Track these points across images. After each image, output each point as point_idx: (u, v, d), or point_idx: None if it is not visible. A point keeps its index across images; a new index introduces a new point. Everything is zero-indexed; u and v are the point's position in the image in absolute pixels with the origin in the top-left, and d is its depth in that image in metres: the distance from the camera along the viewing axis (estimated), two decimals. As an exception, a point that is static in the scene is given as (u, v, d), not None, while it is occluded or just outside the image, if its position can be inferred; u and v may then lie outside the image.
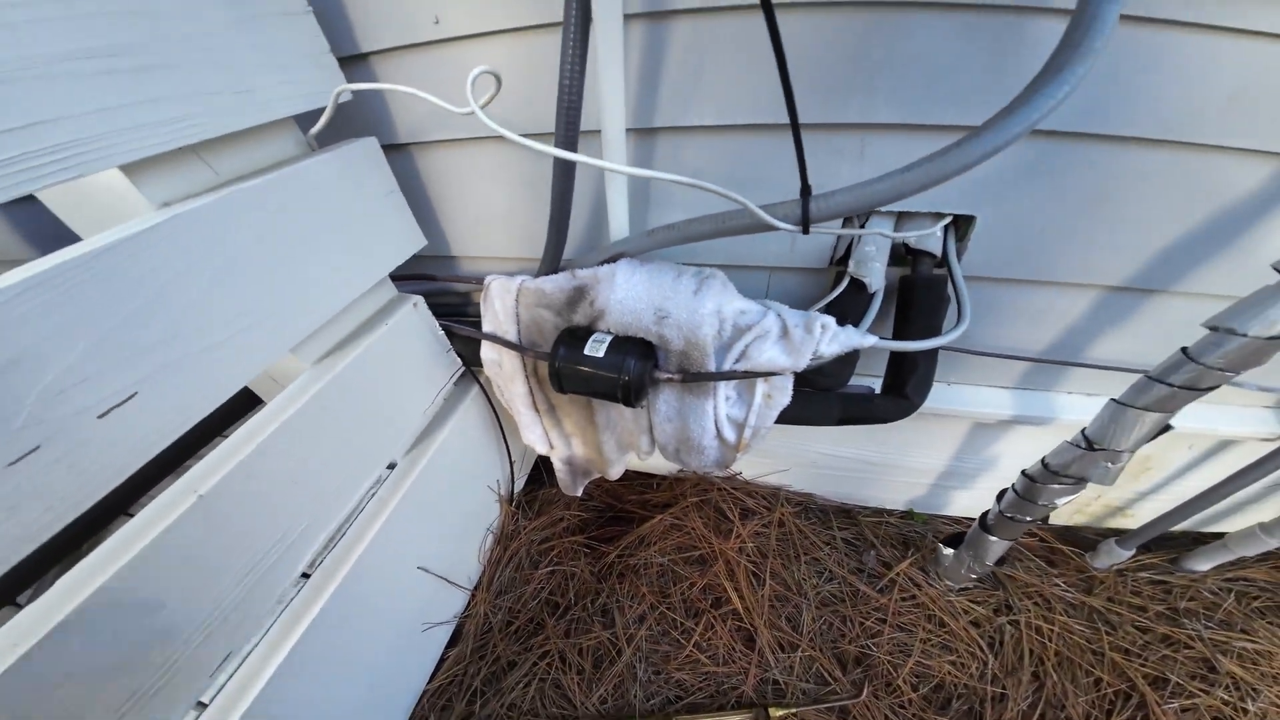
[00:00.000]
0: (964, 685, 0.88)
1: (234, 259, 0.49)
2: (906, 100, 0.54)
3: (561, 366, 0.66)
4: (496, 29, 0.58)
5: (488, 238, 0.80)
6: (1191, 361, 0.54)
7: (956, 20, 0.49)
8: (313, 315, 0.58)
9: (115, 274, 0.41)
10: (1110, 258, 0.63)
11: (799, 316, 0.61)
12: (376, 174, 0.64)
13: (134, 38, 0.41)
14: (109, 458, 0.42)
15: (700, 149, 0.65)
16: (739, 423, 0.71)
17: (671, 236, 0.59)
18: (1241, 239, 0.59)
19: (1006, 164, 0.58)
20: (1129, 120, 0.52)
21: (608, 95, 0.53)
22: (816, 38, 0.53)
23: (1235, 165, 0.54)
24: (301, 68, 0.54)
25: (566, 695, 0.88)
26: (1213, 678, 0.88)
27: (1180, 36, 0.48)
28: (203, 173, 0.49)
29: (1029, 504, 0.72)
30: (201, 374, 0.47)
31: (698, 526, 1.03)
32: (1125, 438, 0.60)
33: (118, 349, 0.41)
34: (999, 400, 0.80)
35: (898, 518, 1.10)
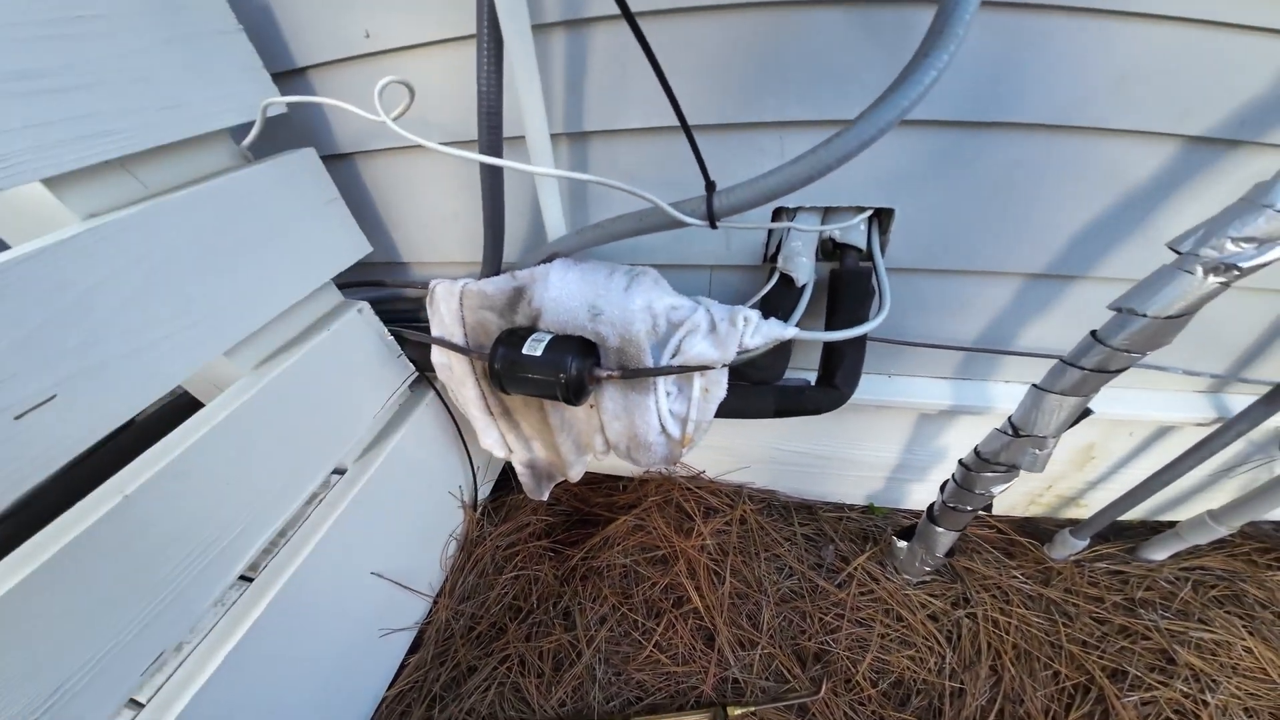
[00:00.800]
0: (923, 680, 0.88)
1: (162, 265, 0.50)
2: (817, 97, 0.57)
3: (501, 367, 0.67)
4: (425, 41, 0.60)
5: (435, 243, 0.82)
6: (1100, 344, 0.55)
7: (853, 16, 0.51)
8: (247, 321, 0.59)
9: (31, 282, 0.42)
10: (1026, 245, 0.65)
11: (725, 311, 0.62)
12: (315, 183, 0.66)
13: (56, 60, 0.43)
14: (27, 456, 0.43)
15: (632, 151, 0.67)
16: (681, 417, 0.72)
17: (599, 235, 0.61)
18: (1146, 221, 0.61)
19: (919, 156, 0.60)
20: (1026, 107, 0.55)
21: (526, 100, 0.55)
22: (728, 41, 0.55)
23: (1131, 147, 0.56)
24: (234, 82, 0.56)
25: (525, 698, 0.87)
26: (1171, 669, 0.88)
27: (1067, 21, 0.50)
28: (130, 185, 0.50)
29: (968, 493, 0.73)
30: (126, 377, 0.49)
31: (660, 526, 1.04)
32: (1047, 423, 0.62)
33: (35, 353, 0.43)
34: (938, 391, 0.82)
35: (859, 513, 1.11)
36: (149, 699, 0.56)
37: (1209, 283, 0.48)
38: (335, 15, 0.60)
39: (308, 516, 0.72)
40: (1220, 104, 0.54)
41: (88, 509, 0.48)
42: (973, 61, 0.53)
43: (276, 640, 0.65)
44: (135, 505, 0.49)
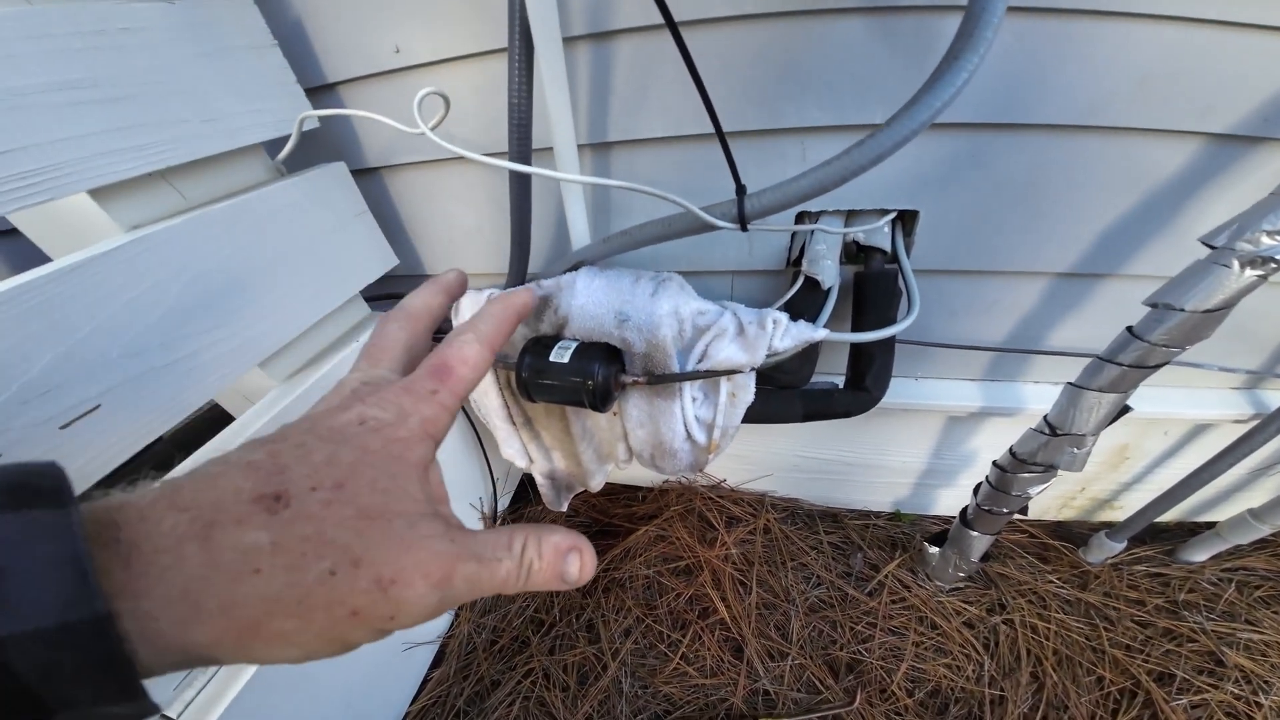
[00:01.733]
0: (961, 689, 0.86)
1: (201, 278, 0.51)
2: (838, 102, 0.57)
3: (528, 375, 0.67)
4: (455, 55, 0.62)
5: (459, 255, 0.83)
6: (1137, 339, 0.55)
7: (872, 23, 0.52)
8: (281, 333, 0.60)
9: (80, 292, 0.43)
10: (1054, 245, 0.65)
11: (753, 314, 0.62)
12: (345, 196, 0.67)
13: (102, 71, 0.45)
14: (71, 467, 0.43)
15: (654, 160, 0.67)
16: (707, 423, 0.72)
17: (625, 242, 0.62)
18: (1172, 218, 0.60)
19: (942, 158, 0.60)
20: (1049, 108, 0.55)
21: (555, 112, 0.56)
22: (751, 49, 0.56)
23: (1155, 146, 0.56)
24: (268, 97, 0.57)
25: (551, 712, 0.86)
26: (1220, 671, 0.85)
27: (1089, 23, 0.50)
28: (171, 197, 0.52)
29: (1003, 495, 0.72)
30: (166, 388, 0.49)
31: (683, 536, 1.03)
32: (1085, 421, 0.61)
33: (82, 363, 0.43)
34: (967, 393, 0.81)
35: (885, 519, 1.09)
36: (179, 714, 0.55)
37: (1246, 276, 0.47)
38: (366, 31, 0.61)
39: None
40: (1242, 102, 0.54)
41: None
42: (995, 64, 0.53)
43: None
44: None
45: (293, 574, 0.18)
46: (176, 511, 0.18)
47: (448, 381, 0.26)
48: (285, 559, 0.18)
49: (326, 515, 0.19)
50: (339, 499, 0.20)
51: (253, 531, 0.18)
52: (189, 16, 0.51)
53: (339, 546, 0.19)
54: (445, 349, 0.28)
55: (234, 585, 0.17)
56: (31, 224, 0.57)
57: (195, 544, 0.17)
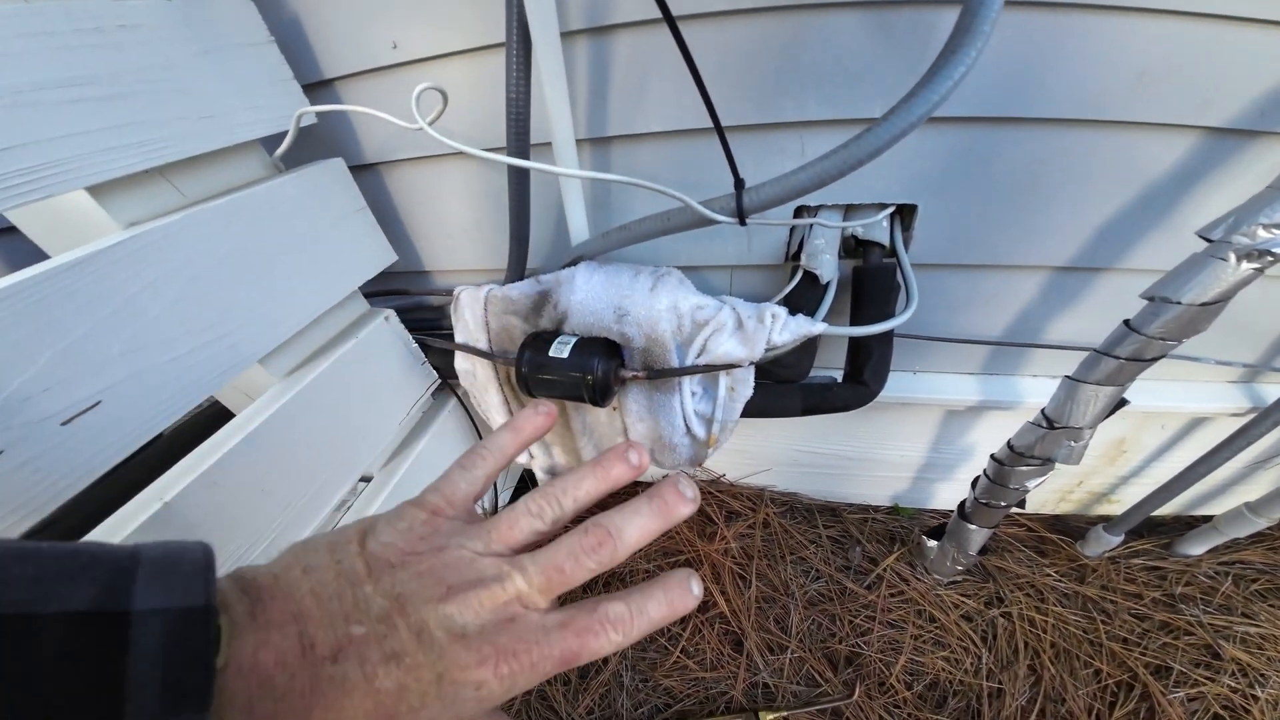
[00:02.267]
0: (959, 681, 0.86)
1: (199, 274, 0.51)
2: (836, 97, 0.57)
3: (528, 370, 0.68)
4: (452, 50, 0.61)
5: (458, 251, 0.83)
6: (1134, 333, 0.55)
7: (870, 17, 0.52)
8: (280, 329, 0.60)
9: (79, 289, 0.43)
10: (1052, 239, 0.65)
11: (752, 308, 0.62)
12: (343, 193, 0.67)
13: (100, 68, 0.44)
14: (73, 463, 0.43)
15: (653, 154, 0.67)
16: (707, 417, 0.72)
17: (624, 237, 0.62)
18: (1170, 212, 0.61)
19: (940, 153, 0.60)
20: (1047, 102, 0.55)
21: (553, 107, 0.56)
22: (748, 44, 0.56)
23: (1153, 140, 0.56)
24: (266, 93, 0.57)
25: (552, 706, 0.86)
26: (1217, 664, 0.86)
27: (1087, 18, 0.50)
28: (169, 193, 0.52)
29: (1001, 488, 0.72)
30: (167, 384, 0.49)
31: (682, 531, 1.03)
32: (1082, 414, 0.61)
33: (82, 359, 0.43)
34: (965, 386, 0.81)
35: (884, 513, 1.09)
36: None
37: (1243, 269, 0.48)
38: (364, 26, 0.61)
39: (336, 523, 0.72)
40: (1240, 96, 0.54)
41: (129, 515, 0.48)
42: (993, 59, 0.53)
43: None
44: (174, 512, 0.50)
45: None
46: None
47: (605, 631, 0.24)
48: None
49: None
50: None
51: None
52: (186, 13, 0.51)
53: None
54: (629, 599, 0.24)
55: None
56: (29, 221, 0.57)
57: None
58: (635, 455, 0.29)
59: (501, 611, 0.23)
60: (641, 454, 0.29)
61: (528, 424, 0.32)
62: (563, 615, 0.23)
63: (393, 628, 0.21)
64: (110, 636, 0.16)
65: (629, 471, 0.28)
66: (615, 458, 0.29)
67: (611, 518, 0.25)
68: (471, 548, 0.25)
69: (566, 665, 0.23)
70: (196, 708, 0.17)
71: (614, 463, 0.28)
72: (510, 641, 0.22)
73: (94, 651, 0.16)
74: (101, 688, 0.15)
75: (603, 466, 0.28)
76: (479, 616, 0.22)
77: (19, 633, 0.15)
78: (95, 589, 0.16)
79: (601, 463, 0.28)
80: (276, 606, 0.21)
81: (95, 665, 0.16)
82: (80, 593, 0.16)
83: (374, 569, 0.23)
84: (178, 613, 0.17)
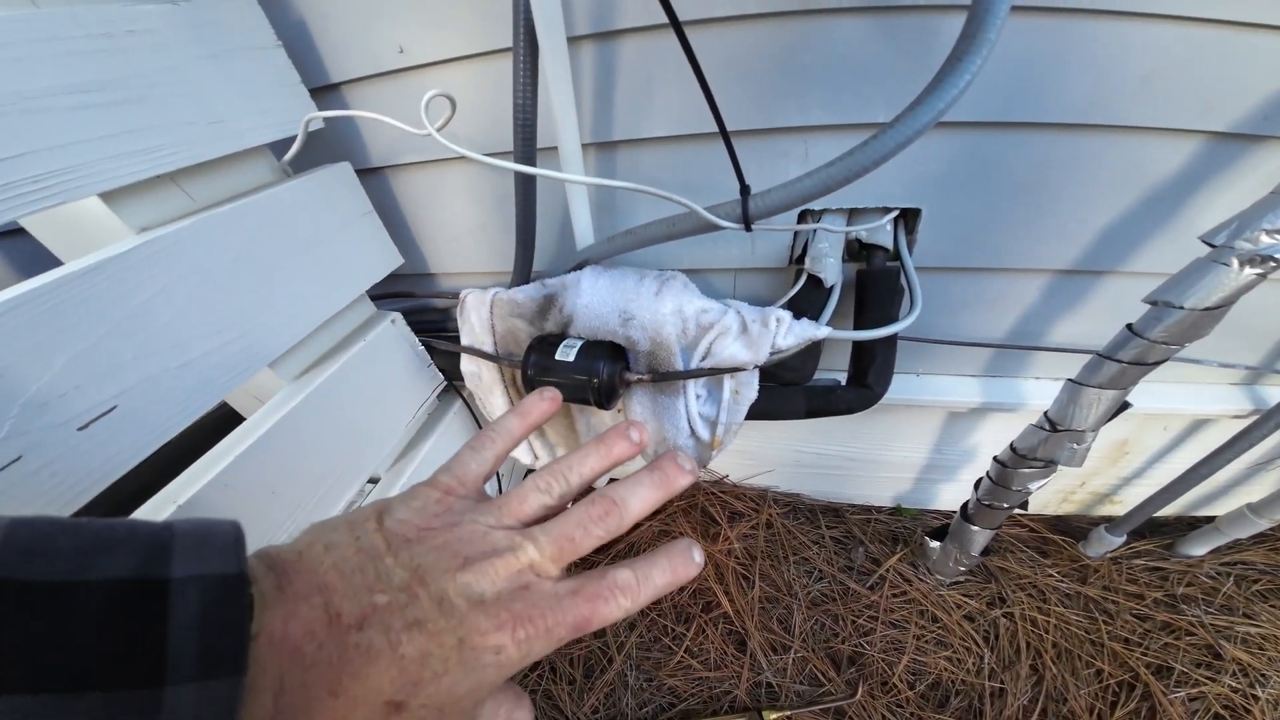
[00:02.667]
0: (961, 681, 0.87)
1: (211, 279, 0.52)
2: (841, 102, 0.57)
3: (534, 373, 0.68)
4: (457, 55, 0.62)
5: (463, 254, 0.83)
6: (1137, 337, 0.55)
7: (875, 22, 0.52)
8: (290, 332, 0.61)
9: (94, 294, 0.43)
10: (1055, 242, 0.65)
11: (756, 312, 0.63)
12: (351, 197, 0.67)
13: (111, 74, 0.45)
14: (89, 467, 0.44)
15: (659, 159, 0.68)
16: (711, 420, 0.73)
17: (629, 241, 0.62)
18: (1173, 216, 0.61)
19: (945, 157, 0.61)
20: (1050, 107, 0.55)
21: (560, 112, 0.57)
22: (752, 48, 0.56)
23: (1157, 144, 0.56)
24: (273, 98, 0.58)
25: (558, 705, 0.87)
26: (1218, 665, 0.86)
27: (1091, 23, 0.51)
28: (179, 199, 0.52)
29: (1003, 490, 0.73)
30: (180, 388, 0.50)
31: (686, 531, 1.04)
32: (1085, 417, 0.61)
33: (98, 364, 0.44)
34: (968, 389, 0.81)
35: (886, 514, 1.10)
36: None
37: (1245, 274, 0.48)
38: (370, 31, 0.61)
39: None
40: (1243, 100, 0.54)
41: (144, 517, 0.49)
42: (998, 63, 0.53)
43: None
44: (187, 513, 0.50)
45: None
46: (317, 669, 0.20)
47: (609, 600, 0.25)
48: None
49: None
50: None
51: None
52: (193, 18, 0.51)
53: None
54: (636, 565, 0.26)
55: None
56: (41, 226, 0.57)
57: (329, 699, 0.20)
58: (636, 433, 0.31)
59: (516, 579, 0.23)
60: (642, 432, 0.31)
61: (534, 409, 0.34)
62: (574, 583, 0.24)
63: (414, 597, 0.22)
64: (151, 603, 0.17)
65: (630, 448, 0.30)
66: (617, 435, 0.30)
67: (616, 489, 0.27)
68: (484, 522, 0.26)
69: (579, 631, 0.24)
70: (231, 671, 0.17)
71: (616, 440, 0.30)
72: (526, 608, 0.23)
73: (136, 616, 0.17)
74: (143, 651, 0.16)
75: (605, 444, 0.30)
76: (495, 584, 0.23)
77: (68, 598, 0.16)
78: (135, 559, 0.17)
79: (604, 440, 0.30)
80: (302, 580, 0.22)
81: (138, 630, 0.17)
82: (121, 562, 0.17)
83: (392, 544, 0.24)
84: (214, 580, 0.18)
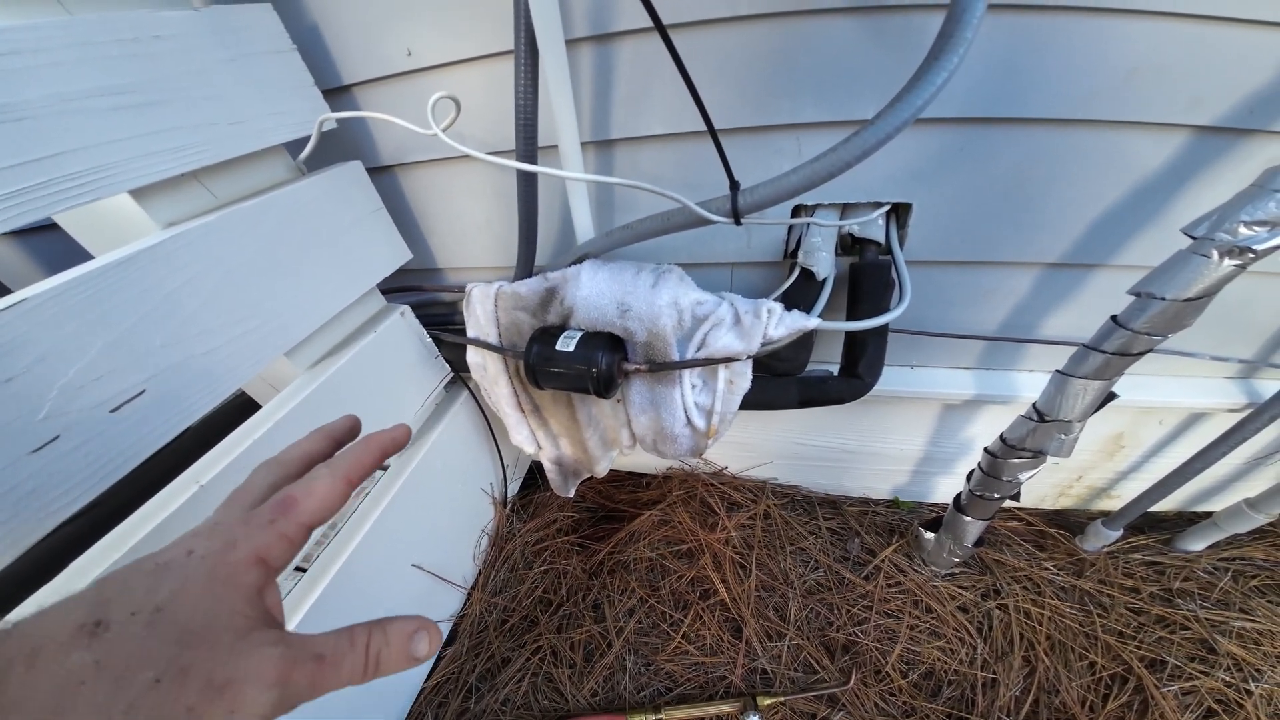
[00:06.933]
0: (954, 671, 0.88)
1: (232, 271, 0.55)
2: (831, 99, 0.59)
3: (535, 363, 0.71)
4: (463, 58, 0.64)
5: (469, 249, 0.86)
6: (1121, 328, 0.56)
7: (863, 22, 0.54)
8: (305, 323, 0.64)
9: (126, 285, 0.47)
10: (1045, 236, 0.66)
11: (749, 304, 0.65)
12: (362, 194, 0.71)
13: (139, 77, 0.48)
14: (120, 448, 0.47)
15: (656, 156, 0.70)
16: (706, 409, 0.75)
17: (626, 236, 0.64)
18: (1162, 209, 0.62)
19: (934, 152, 0.62)
20: (1038, 103, 0.56)
21: (559, 112, 0.59)
22: (745, 49, 0.58)
23: (1143, 138, 0.57)
24: (289, 99, 0.61)
25: (558, 688, 0.90)
26: (1212, 659, 0.87)
27: (1075, 20, 0.52)
28: (203, 196, 0.55)
29: (994, 480, 0.74)
30: (204, 374, 0.53)
31: (685, 521, 1.06)
32: (1072, 407, 0.63)
33: (129, 351, 0.47)
34: (962, 381, 0.82)
35: (883, 507, 1.11)
36: None
37: (1225, 266, 0.49)
38: (379, 35, 0.64)
39: (355, 509, 0.76)
40: (1228, 94, 0.55)
41: (168, 498, 0.52)
42: (984, 61, 0.55)
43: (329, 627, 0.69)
44: (209, 494, 0.54)
45: (118, 685, 0.20)
46: (9, 641, 0.21)
47: (289, 513, 0.27)
48: (110, 673, 0.20)
49: (147, 635, 0.22)
50: (159, 620, 0.22)
51: (75, 654, 0.21)
52: (215, 23, 0.55)
53: (162, 660, 0.21)
54: (294, 484, 0.29)
55: (58, 697, 0.20)
56: (74, 222, 0.61)
57: (22, 666, 0.20)
58: None
59: None
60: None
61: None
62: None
63: None
64: None
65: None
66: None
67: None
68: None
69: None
70: None
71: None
72: None
73: None
74: None
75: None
76: None
77: None
78: None
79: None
80: None
81: None
82: None
83: None
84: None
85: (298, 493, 0.28)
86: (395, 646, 0.27)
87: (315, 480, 0.29)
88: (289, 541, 0.27)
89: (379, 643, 0.27)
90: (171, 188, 0.53)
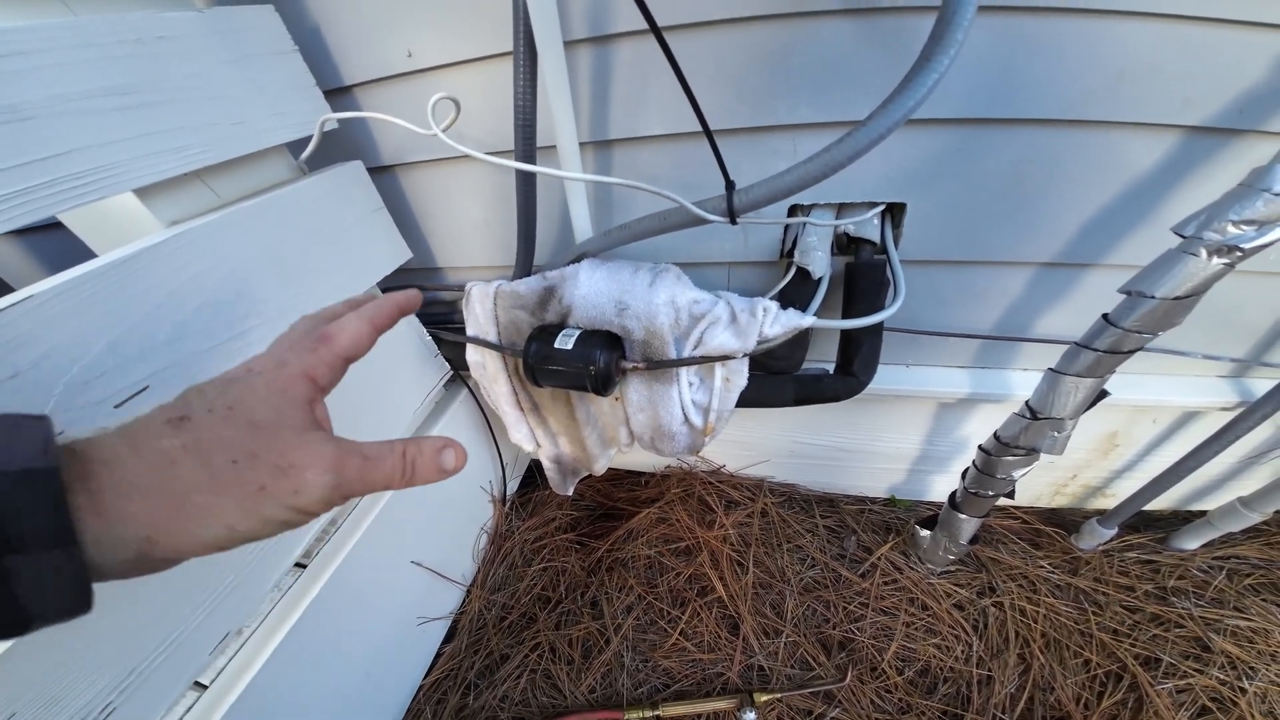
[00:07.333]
0: (950, 668, 0.89)
1: (235, 269, 0.56)
2: (826, 100, 0.60)
3: (534, 361, 0.72)
4: (463, 59, 0.65)
5: (468, 248, 0.87)
6: (1111, 326, 0.57)
7: (858, 24, 0.55)
8: (305, 320, 0.64)
9: (130, 282, 0.47)
10: (1038, 236, 0.67)
11: (745, 302, 0.65)
12: (363, 193, 0.71)
13: (143, 77, 0.49)
14: (123, 441, 0.48)
15: (654, 156, 0.71)
16: (703, 407, 0.75)
17: (624, 235, 0.65)
18: (1153, 208, 0.63)
19: (929, 153, 0.63)
20: (1030, 104, 0.57)
21: (558, 113, 0.60)
22: (742, 50, 0.59)
23: (1135, 139, 0.58)
24: (290, 100, 0.61)
25: (556, 685, 0.90)
26: (1207, 657, 0.87)
27: (1066, 21, 0.53)
28: (206, 195, 0.56)
29: (988, 478, 0.75)
30: (206, 371, 0.53)
31: (683, 519, 1.07)
32: (1064, 405, 0.63)
33: (133, 348, 0.48)
34: (957, 380, 0.83)
35: (880, 505, 1.12)
36: (212, 681, 0.59)
37: (1214, 264, 0.50)
38: (380, 36, 0.65)
39: (357, 505, 0.76)
40: (1218, 95, 0.55)
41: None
42: (977, 62, 0.56)
43: (328, 624, 0.70)
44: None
45: (202, 464, 0.25)
46: (113, 437, 0.25)
47: (327, 343, 0.31)
48: (195, 456, 0.25)
49: (223, 427, 0.26)
50: (232, 417, 0.26)
51: (166, 440, 0.25)
52: (217, 25, 0.55)
53: (237, 446, 0.26)
54: (330, 324, 0.33)
55: (157, 473, 0.24)
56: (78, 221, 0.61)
57: (126, 449, 0.25)
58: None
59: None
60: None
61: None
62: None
63: None
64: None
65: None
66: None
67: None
68: None
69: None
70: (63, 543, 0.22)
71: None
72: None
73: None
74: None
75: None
76: None
77: None
78: None
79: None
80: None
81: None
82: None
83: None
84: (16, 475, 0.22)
85: (332, 330, 0.32)
86: (428, 456, 0.31)
87: (347, 320, 0.33)
88: (329, 366, 0.31)
89: (414, 452, 0.30)
90: (175, 187, 0.53)
